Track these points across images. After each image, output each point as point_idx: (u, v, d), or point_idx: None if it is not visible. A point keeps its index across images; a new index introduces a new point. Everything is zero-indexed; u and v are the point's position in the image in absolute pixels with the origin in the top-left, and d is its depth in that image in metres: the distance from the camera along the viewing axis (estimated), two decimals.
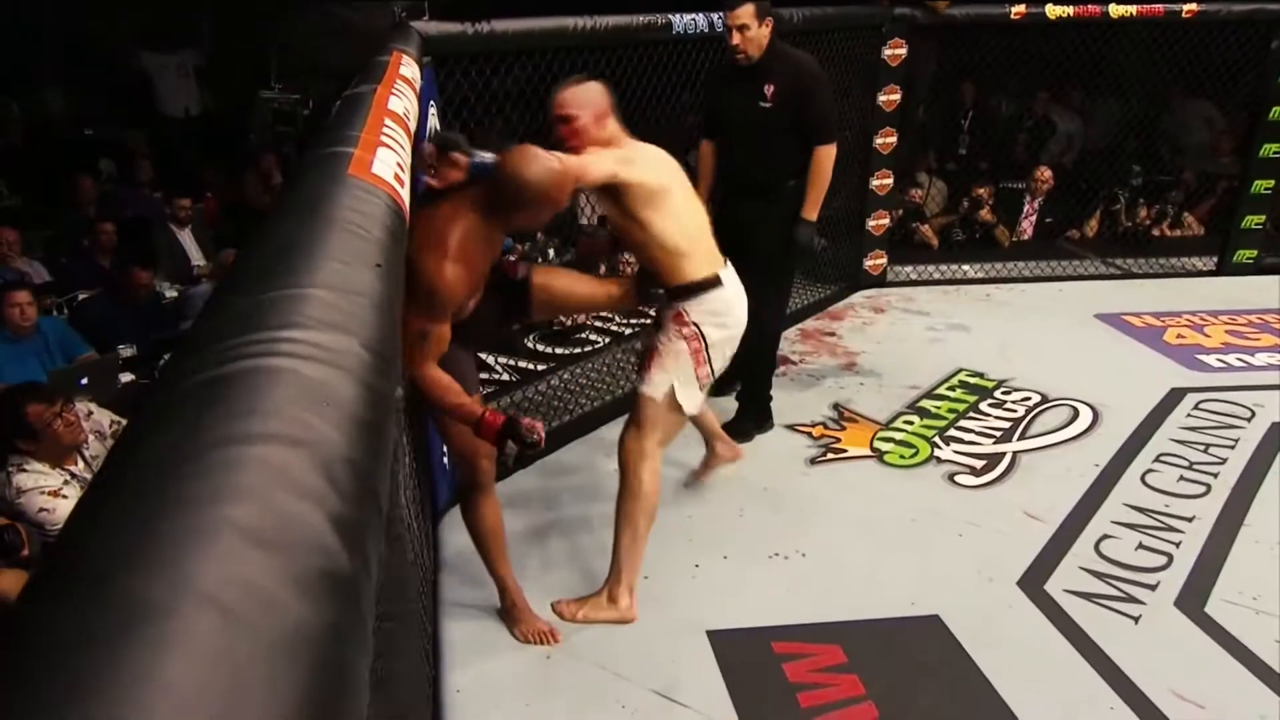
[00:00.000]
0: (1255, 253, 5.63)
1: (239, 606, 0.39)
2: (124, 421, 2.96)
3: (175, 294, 4.84)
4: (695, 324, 2.44)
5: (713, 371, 2.50)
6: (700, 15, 3.66)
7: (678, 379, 2.47)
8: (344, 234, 0.86)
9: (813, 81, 3.25)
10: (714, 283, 2.45)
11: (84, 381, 3.41)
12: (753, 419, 3.55)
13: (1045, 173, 6.12)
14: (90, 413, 2.84)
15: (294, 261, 0.76)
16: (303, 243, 0.81)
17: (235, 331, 0.61)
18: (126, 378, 3.73)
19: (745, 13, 3.16)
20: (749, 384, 3.54)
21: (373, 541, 0.50)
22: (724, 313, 2.47)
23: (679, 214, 2.41)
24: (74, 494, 2.57)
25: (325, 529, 0.45)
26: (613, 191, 2.35)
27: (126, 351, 3.96)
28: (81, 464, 2.71)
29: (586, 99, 2.37)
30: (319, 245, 0.80)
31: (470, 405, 2.14)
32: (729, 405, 3.56)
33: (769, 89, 3.21)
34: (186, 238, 5.45)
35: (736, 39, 3.18)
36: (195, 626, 0.37)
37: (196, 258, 5.41)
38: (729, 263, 2.52)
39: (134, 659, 0.35)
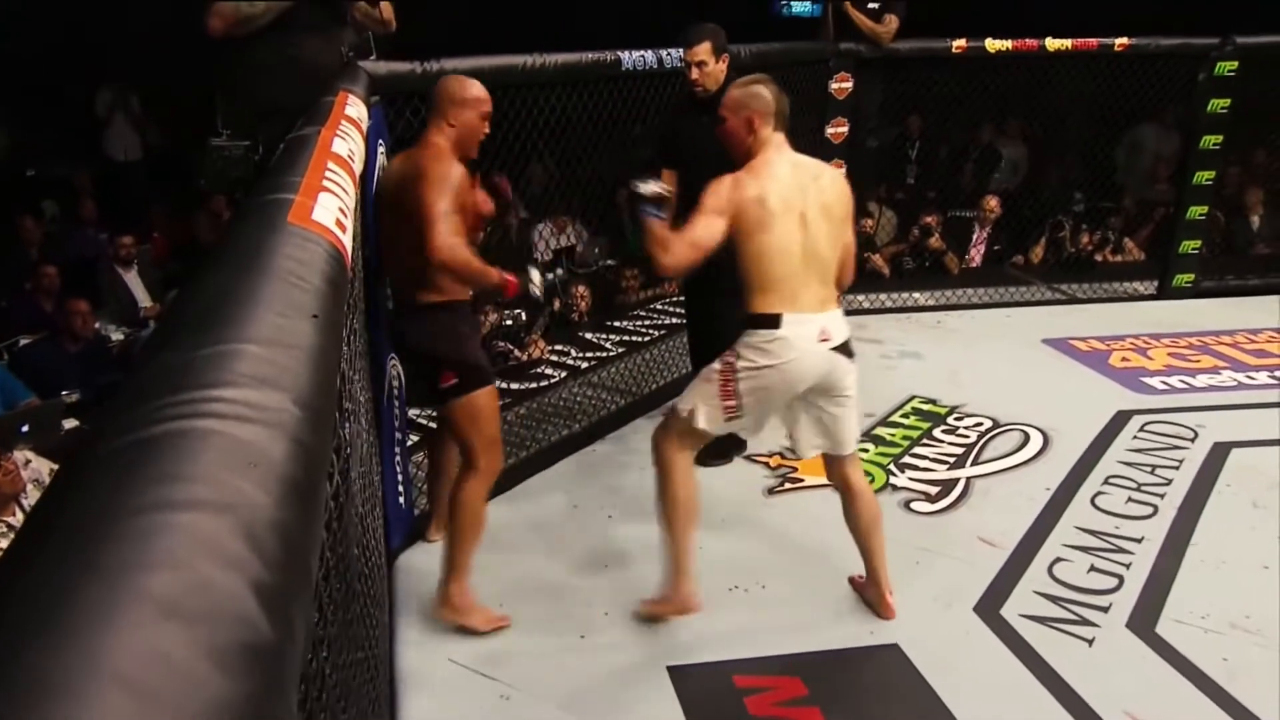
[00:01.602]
0: (1193, 276, 5.80)
1: (152, 682, 0.38)
2: None
3: (121, 337, 4.74)
4: (735, 353, 2.45)
5: (741, 406, 2.44)
6: (649, 52, 3.71)
7: (701, 400, 2.50)
8: (281, 284, 0.85)
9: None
10: (771, 321, 2.39)
11: (25, 429, 3.32)
12: (730, 438, 3.41)
13: (992, 202, 6.27)
14: (29, 461, 2.77)
15: (227, 314, 0.75)
16: (237, 294, 0.80)
17: (164, 391, 0.60)
18: (71, 424, 3.63)
19: (703, 49, 3.30)
20: None
21: (299, 607, 0.49)
22: (770, 351, 2.39)
23: (777, 251, 2.38)
24: None
25: (247, 597, 0.45)
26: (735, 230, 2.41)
27: (71, 397, 3.86)
28: (20, 515, 2.64)
29: (740, 103, 2.46)
30: (254, 297, 0.80)
31: (491, 271, 2.46)
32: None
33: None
34: (133, 279, 5.36)
35: (695, 74, 3.30)
36: (106, 705, 0.36)
37: (143, 299, 5.31)
38: (830, 313, 2.43)
39: None
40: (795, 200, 2.41)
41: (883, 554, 2.67)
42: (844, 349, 2.47)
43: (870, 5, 4.91)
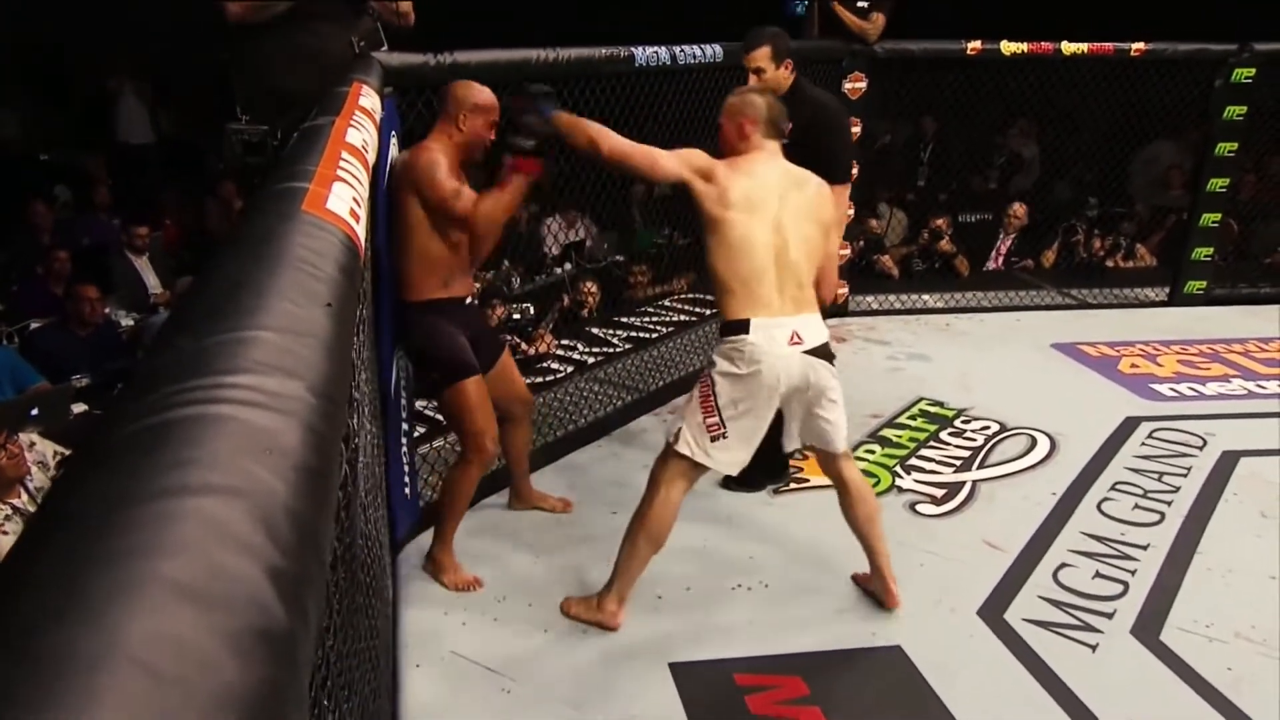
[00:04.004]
0: (1205, 284, 5.78)
1: (168, 665, 0.38)
2: (68, 452, 2.90)
3: (132, 323, 4.76)
4: (712, 365, 2.44)
5: (723, 423, 2.40)
6: (663, 48, 3.70)
7: (687, 423, 2.46)
8: (295, 272, 0.85)
9: (829, 121, 3.20)
10: (740, 326, 2.37)
11: (35, 412, 3.33)
12: (760, 467, 3.17)
13: (1020, 209, 6.23)
14: (33, 444, 2.79)
15: (242, 301, 0.75)
16: (252, 281, 0.80)
17: (178, 376, 0.61)
18: (80, 408, 3.65)
19: (761, 55, 3.14)
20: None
21: (312, 594, 0.50)
22: (741, 357, 2.37)
23: (737, 248, 2.38)
24: (16, 529, 2.51)
25: (262, 583, 0.45)
26: (691, 196, 2.44)
27: (80, 382, 3.88)
28: (25, 497, 2.65)
29: (734, 109, 2.52)
30: (268, 284, 0.80)
31: (509, 187, 2.55)
32: None
33: (787, 127, 3.17)
34: (144, 265, 5.38)
35: (753, 81, 3.12)
36: (123, 684, 0.37)
37: (154, 286, 5.33)
38: (804, 317, 2.42)
39: (58, 717, 0.35)
40: (769, 201, 2.41)
41: (884, 546, 2.69)
42: (821, 352, 2.46)
43: (860, 4, 4.86)
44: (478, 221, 2.54)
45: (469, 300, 2.82)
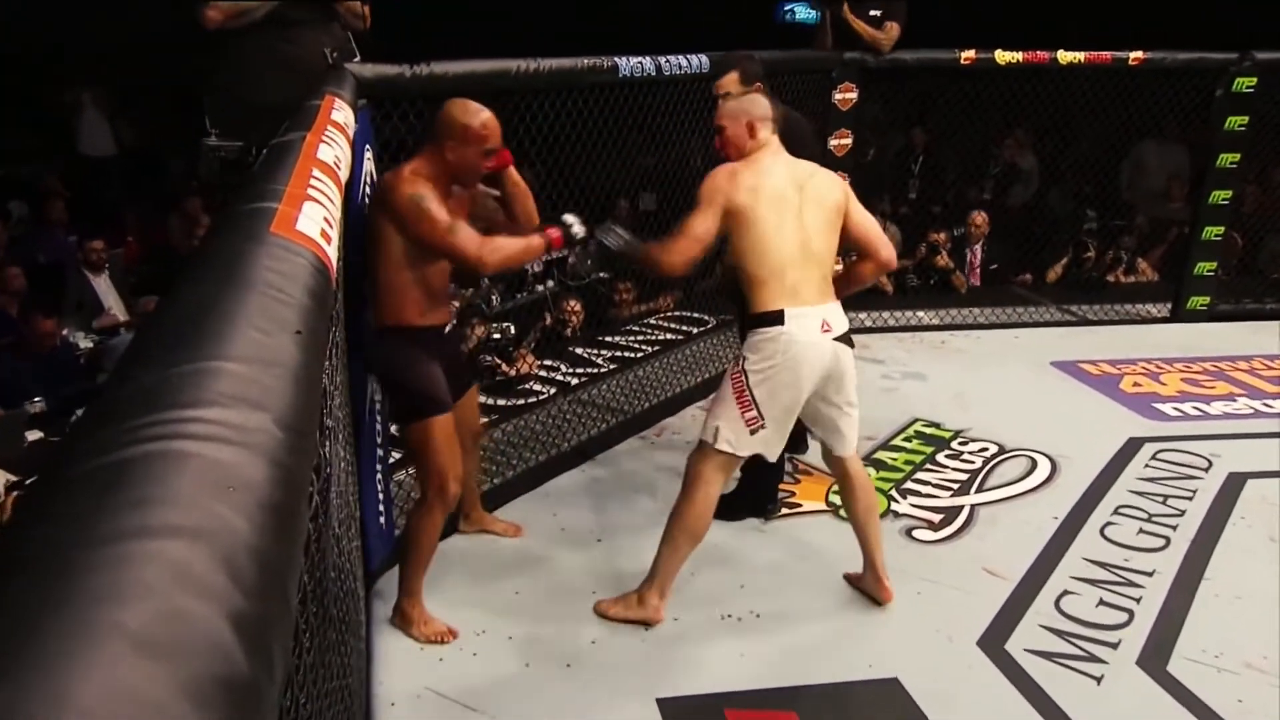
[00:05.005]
0: (1208, 299, 5.84)
1: None
2: (21, 479, 2.87)
3: (90, 345, 4.73)
4: (743, 359, 2.58)
5: (761, 417, 2.55)
6: (647, 59, 3.73)
7: (723, 418, 2.60)
8: (262, 298, 0.85)
9: (796, 142, 3.21)
10: (775, 317, 2.52)
11: None
12: (743, 497, 3.30)
13: (979, 217, 6.30)
14: None
15: (205, 329, 0.75)
16: (216, 308, 0.80)
17: (138, 410, 0.60)
18: (34, 435, 3.62)
19: (729, 81, 3.20)
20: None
21: (278, 638, 0.50)
22: (774, 352, 2.52)
23: (770, 243, 2.53)
24: None
25: (224, 629, 0.45)
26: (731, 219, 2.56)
27: (34, 407, 3.85)
28: None
29: (738, 111, 2.65)
30: (234, 311, 0.80)
31: (532, 240, 2.56)
32: None
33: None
34: (103, 284, 5.35)
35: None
36: None
37: (113, 305, 5.30)
38: (830, 305, 2.57)
39: None
40: (791, 194, 2.58)
41: (879, 540, 2.85)
42: (846, 339, 2.62)
43: (872, 13, 4.94)
44: (486, 264, 2.50)
45: (447, 329, 2.78)
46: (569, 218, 2.66)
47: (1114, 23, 5.91)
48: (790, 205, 2.56)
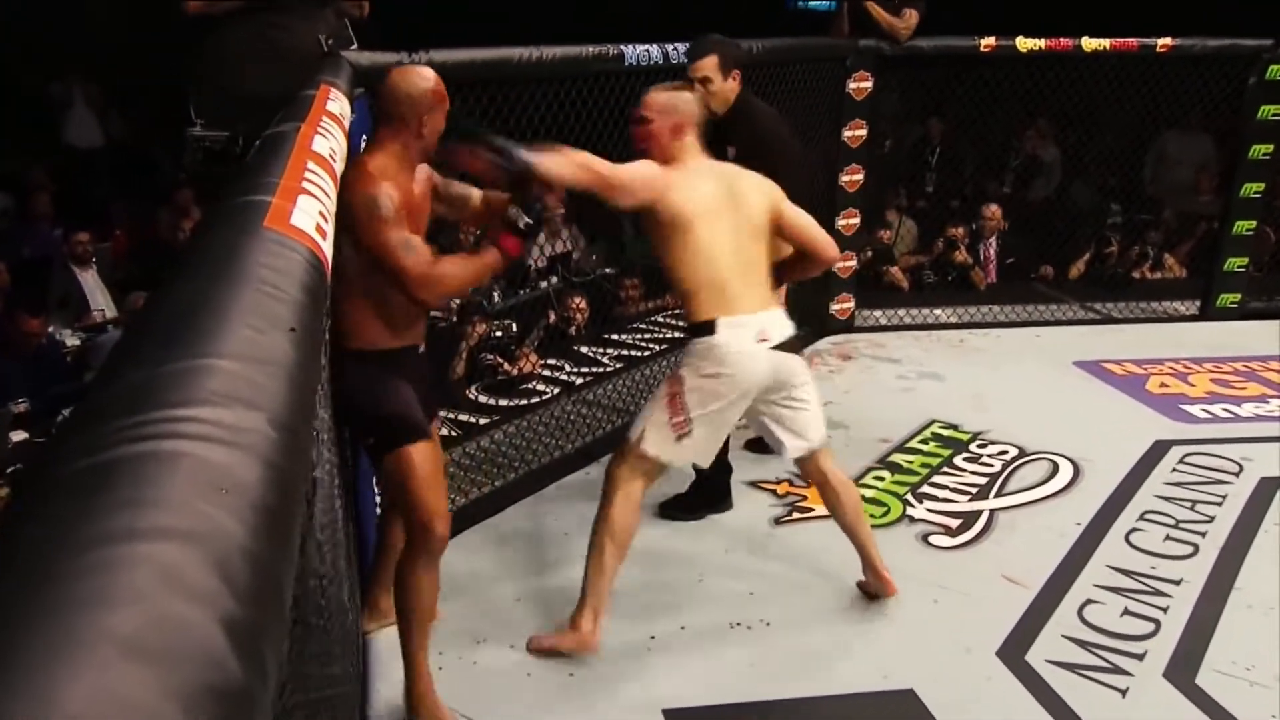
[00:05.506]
0: (1239, 296, 5.81)
1: None
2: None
3: (77, 342, 4.75)
4: (680, 365, 2.61)
5: (689, 422, 2.56)
6: (654, 47, 3.73)
7: (650, 421, 2.62)
8: (256, 294, 0.85)
9: (771, 146, 3.19)
10: (707, 327, 2.54)
11: None
12: (703, 495, 3.41)
13: (994, 210, 6.28)
14: None
15: (198, 326, 0.75)
16: (208, 304, 0.80)
17: (128, 409, 0.61)
18: (19, 436, 3.64)
19: (708, 65, 3.16)
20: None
21: (271, 644, 0.50)
22: (712, 362, 2.54)
23: (698, 250, 2.54)
24: None
25: (216, 635, 0.45)
26: (645, 211, 2.55)
27: (18, 407, 3.86)
28: None
29: (668, 107, 2.61)
30: (227, 308, 0.80)
31: (484, 257, 2.33)
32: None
33: (730, 150, 3.14)
34: (90, 279, 5.37)
35: (699, 91, 3.04)
36: None
37: (101, 302, 5.32)
38: (769, 313, 2.58)
39: None
40: (723, 202, 2.58)
41: (871, 539, 2.89)
42: (788, 346, 2.63)
43: None
44: (434, 286, 2.22)
45: (421, 348, 2.46)
46: (513, 211, 2.37)
47: (1140, 8, 5.88)
48: (721, 213, 2.56)
